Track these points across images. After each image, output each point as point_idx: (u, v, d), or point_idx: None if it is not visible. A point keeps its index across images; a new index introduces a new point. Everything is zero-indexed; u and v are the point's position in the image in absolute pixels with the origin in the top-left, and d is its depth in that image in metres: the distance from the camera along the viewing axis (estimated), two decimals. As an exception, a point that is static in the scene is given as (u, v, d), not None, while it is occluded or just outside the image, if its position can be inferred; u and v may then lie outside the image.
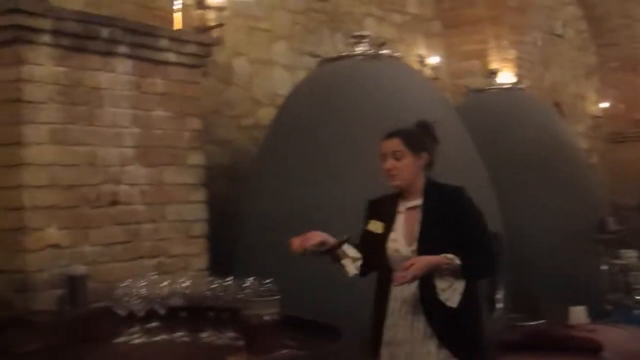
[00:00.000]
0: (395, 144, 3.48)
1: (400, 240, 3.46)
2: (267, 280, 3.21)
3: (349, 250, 3.42)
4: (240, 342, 2.94)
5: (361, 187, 4.53)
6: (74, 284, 4.04)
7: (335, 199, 4.89)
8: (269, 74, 6.63)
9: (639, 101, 12.27)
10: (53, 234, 4.15)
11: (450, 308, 3.21)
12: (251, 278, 3.20)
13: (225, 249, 5.09)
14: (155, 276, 3.42)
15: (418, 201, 3.49)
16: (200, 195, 4.93)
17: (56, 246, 4.16)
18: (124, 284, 3.19)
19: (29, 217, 4.06)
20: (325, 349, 2.70)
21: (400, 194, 3.53)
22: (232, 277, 3.15)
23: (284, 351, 2.82)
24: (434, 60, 8.45)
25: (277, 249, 3.66)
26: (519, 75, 8.65)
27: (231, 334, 3.08)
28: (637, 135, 12.15)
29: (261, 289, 3.10)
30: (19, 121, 4.06)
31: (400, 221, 3.50)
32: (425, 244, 3.39)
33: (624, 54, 12.31)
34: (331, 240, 3.35)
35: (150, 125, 4.68)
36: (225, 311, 3.10)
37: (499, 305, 5.32)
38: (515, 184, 6.27)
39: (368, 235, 3.52)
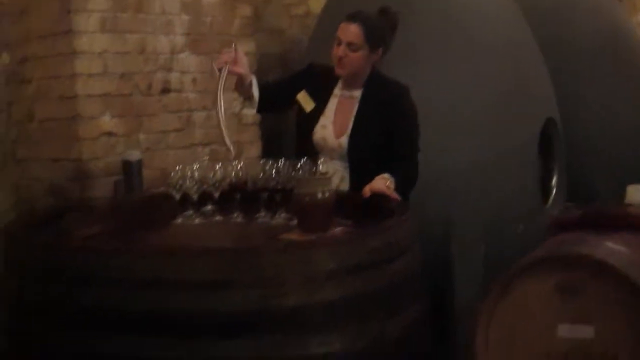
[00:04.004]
0: (355, 34, 3.31)
1: (329, 128, 3.40)
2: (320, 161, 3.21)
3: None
4: (294, 222, 2.94)
5: (406, 75, 4.44)
6: (129, 171, 4.08)
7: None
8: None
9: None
10: (107, 122, 4.18)
11: None
12: (304, 159, 3.17)
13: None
14: (208, 162, 3.40)
15: (357, 92, 3.40)
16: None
17: (110, 134, 4.19)
18: (177, 168, 3.19)
19: (82, 105, 4.08)
20: (380, 225, 2.68)
21: (338, 77, 3.42)
22: (284, 160, 3.12)
23: (338, 229, 2.81)
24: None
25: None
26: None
27: (284, 214, 3.09)
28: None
29: (314, 169, 3.08)
30: (69, 9, 4.03)
31: (332, 106, 3.43)
32: (356, 140, 3.33)
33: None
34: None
35: (199, 12, 4.62)
36: (278, 192, 3.09)
37: (554, 192, 5.28)
38: (570, 69, 6.06)
39: (295, 104, 3.47)
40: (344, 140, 3.37)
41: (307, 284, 2.34)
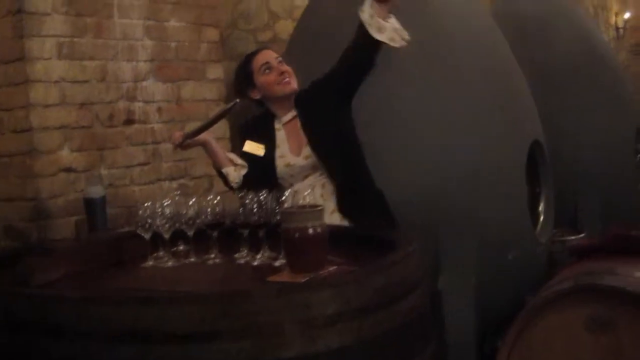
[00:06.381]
0: (273, 52, 3.47)
1: (288, 154, 3.35)
2: (305, 192, 2.96)
3: (232, 155, 3.42)
4: (280, 261, 2.65)
5: (388, 96, 4.25)
6: (91, 209, 3.78)
7: (363, 109, 4.60)
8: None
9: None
10: (66, 156, 3.90)
11: None
12: (287, 191, 2.90)
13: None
14: (180, 197, 3.12)
15: (292, 112, 3.39)
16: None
17: (70, 169, 3.91)
18: (146, 205, 2.88)
19: (38, 138, 3.79)
20: (381, 262, 2.40)
21: (272, 113, 3.44)
22: (265, 191, 2.83)
23: (331, 268, 2.50)
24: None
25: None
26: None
27: (268, 253, 2.78)
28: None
29: (301, 201, 2.80)
30: (22, 34, 3.75)
31: (281, 137, 3.40)
32: (318, 142, 3.29)
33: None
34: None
35: (164, 37, 4.39)
36: (260, 227, 2.79)
37: (541, 218, 5.10)
38: (552, 91, 5.94)
39: (249, 158, 3.41)
40: (306, 150, 3.33)
41: (307, 332, 2.06)
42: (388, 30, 3.10)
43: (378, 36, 3.09)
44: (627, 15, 11.79)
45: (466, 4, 4.98)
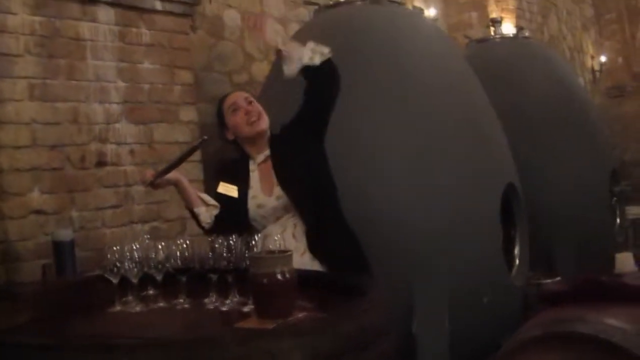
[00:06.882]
0: (244, 93, 3.48)
1: (260, 194, 3.33)
2: (276, 236, 2.93)
3: (204, 195, 3.39)
4: (249, 307, 2.60)
5: (363, 140, 4.24)
6: (60, 252, 3.72)
7: (337, 153, 4.58)
8: (261, 27, 6.23)
9: (637, 54, 11.96)
10: (36, 198, 3.84)
11: None
12: (257, 235, 2.86)
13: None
14: (149, 240, 3.08)
15: (266, 152, 3.37)
16: (195, 154, 4.58)
17: (39, 212, 3.85)
18: (114, 248, 2.84)
19: (8, 180, 3.74)
20: (349, 308, 2.36)
21: (247, 154, 3.43)
22: (235, 235, 2.80)
23: (300, 315, 2.46)
24: (431, 12, 8.09)
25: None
26: (518, 26, 8.30)
27: (237, 298, 2.74)
28: (637, 89, 11.85)
29: (270, 246, 2.77)
30: (-7, 75, 3.71)
31: (255, 177, 3.38)
32: (287, 182, 3.27)
33: (621, 5, 11.98)
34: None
35: (137, 79, 4.36)
36: (230, 272, 2.75)
37: (516, 262, 5.07)
38: (526, 135, 5.95)
39: (223, 200, 3.38)
40: (277, 190, 3.29)
41: (273, 381, 2.00)
42: (303, 56, 3.15)
43: (295, 68, 3.15)
44: (603, 59, 11.89)
45: (439, 47, 5.00)
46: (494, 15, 8.27)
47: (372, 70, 4.51)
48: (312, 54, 3.14)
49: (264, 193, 3.33)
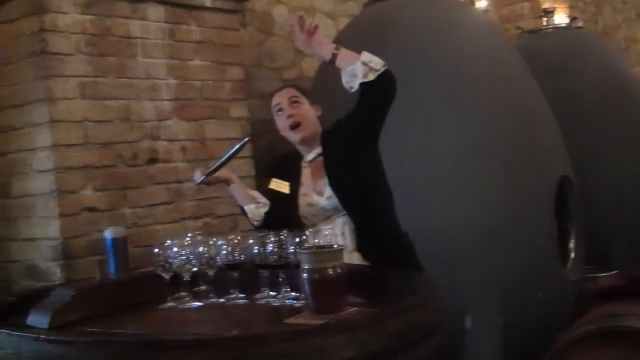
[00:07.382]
0: (289, 91, 3.38)
1: (311, 193, 3.29)
2: (327, 231, 2.91)
3: (255, 192, 3.44)
4: (300, 302, 2.60)
5: (415, 135, 4.20)
6: (113, 250, 3.74)
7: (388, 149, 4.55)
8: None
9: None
10: (89, 196, 3.85)
11: None
12: (308, 231, 2.86)
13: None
14: (201, 236, 3.09)
15: (317, 150, 3.32)
16: (247, 150, 4.58)
17: (92, 209, 3.86)
18: (165, 245, 2.85)
19: (61, 179, 3.76)
20: (399, 304, 2.34)
21: (301, 151, 3.39)
22: (286, 231, 2.79)
23: (352, 310, 2.45)
24: (482, 4, 7.98)
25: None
26: (571, 16, 8.16)
27: (290, 294, 2.74)
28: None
29: (321, 241, 2.75)
30: (45, 75, 3.74)
31: (307, 175, 3.35)
32: (338, 183, 3.21)
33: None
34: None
35: (188, 76, 4.35)
36: (281, 267, 2.75)
37: (572, 255, 4.99)
38: (581, 127, 5.85)
39: (274, 196, 3.38)
40: (329, 190, 3.24)
41: (322, 377, 1.98)
42: (360, 73, 3.04)
43: (360, 81, 3.04)
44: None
45: (490, 39, 4.93)
46: (546, 5, 8.14)
47: (422, 65, 4.47)
48: (367, 71, 3.03)
49: (315, 192, 3.30)
